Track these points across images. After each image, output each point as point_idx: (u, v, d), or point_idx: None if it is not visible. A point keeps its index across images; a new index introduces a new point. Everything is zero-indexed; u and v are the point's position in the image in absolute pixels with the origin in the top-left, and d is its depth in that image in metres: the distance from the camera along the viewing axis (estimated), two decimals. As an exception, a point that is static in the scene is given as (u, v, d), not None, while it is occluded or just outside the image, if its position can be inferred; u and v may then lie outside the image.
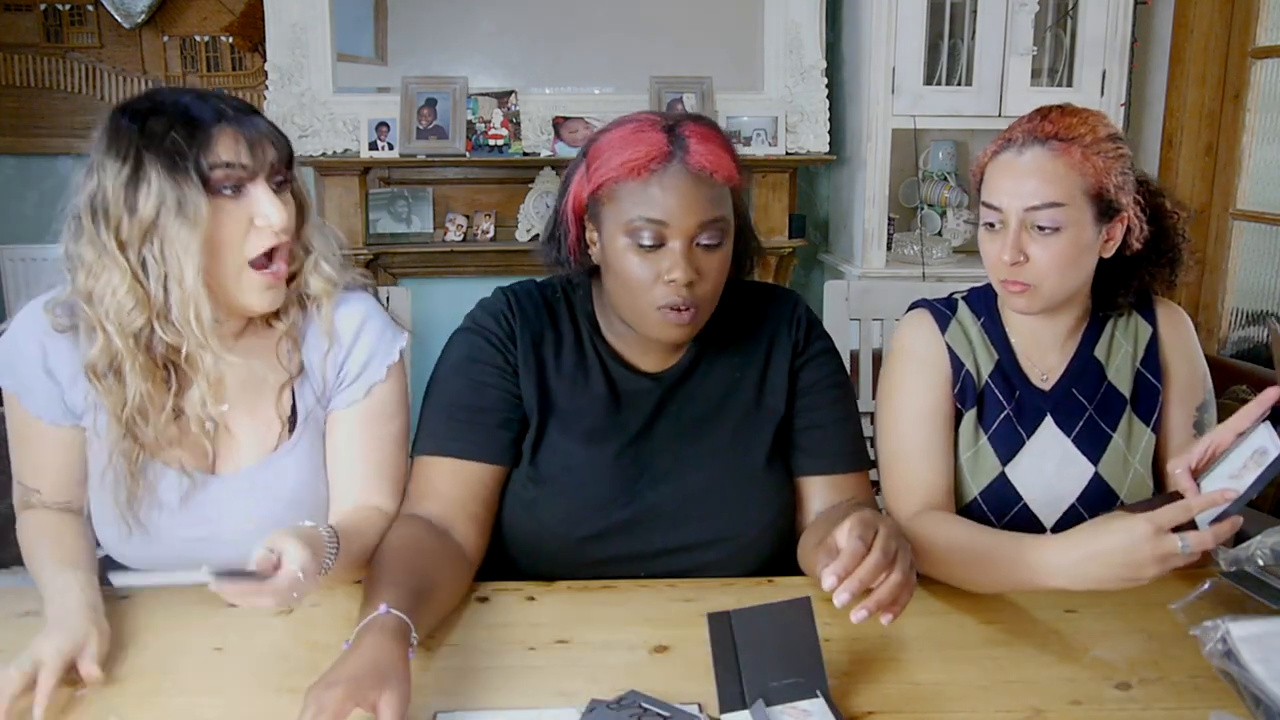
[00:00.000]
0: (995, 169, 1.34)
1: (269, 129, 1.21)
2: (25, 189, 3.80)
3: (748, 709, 1.01)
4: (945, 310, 1.46)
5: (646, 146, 1.22)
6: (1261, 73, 3.50)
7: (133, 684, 1.07)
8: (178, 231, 1.13)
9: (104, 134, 1.17)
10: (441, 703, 1.04)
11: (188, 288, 1.15)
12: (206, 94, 1.19)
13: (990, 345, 1.44)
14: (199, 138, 1.14)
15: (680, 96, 3.60)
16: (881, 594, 0.99)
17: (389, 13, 3.78)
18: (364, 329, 1.32)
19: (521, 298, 1.38)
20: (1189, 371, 1.44)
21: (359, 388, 1.31)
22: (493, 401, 1.33)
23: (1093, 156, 1.30)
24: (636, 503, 1.31)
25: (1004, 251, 1.31)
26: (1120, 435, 1.40)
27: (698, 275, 1.22)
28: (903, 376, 1.43)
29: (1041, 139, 1.31)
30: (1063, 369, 1.42)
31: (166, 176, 1.13)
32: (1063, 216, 1.29)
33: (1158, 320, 1.44)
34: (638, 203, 1.21)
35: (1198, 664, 1.08)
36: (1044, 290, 1.33)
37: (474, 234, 3.72)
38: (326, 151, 3.54)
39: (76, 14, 3.70)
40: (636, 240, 1.22)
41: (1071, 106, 1.35)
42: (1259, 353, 3.47)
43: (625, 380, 1.35)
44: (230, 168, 1.16)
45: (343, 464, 1.31)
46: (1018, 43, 3.41)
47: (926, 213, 3.71)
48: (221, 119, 1.16)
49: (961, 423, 1.42)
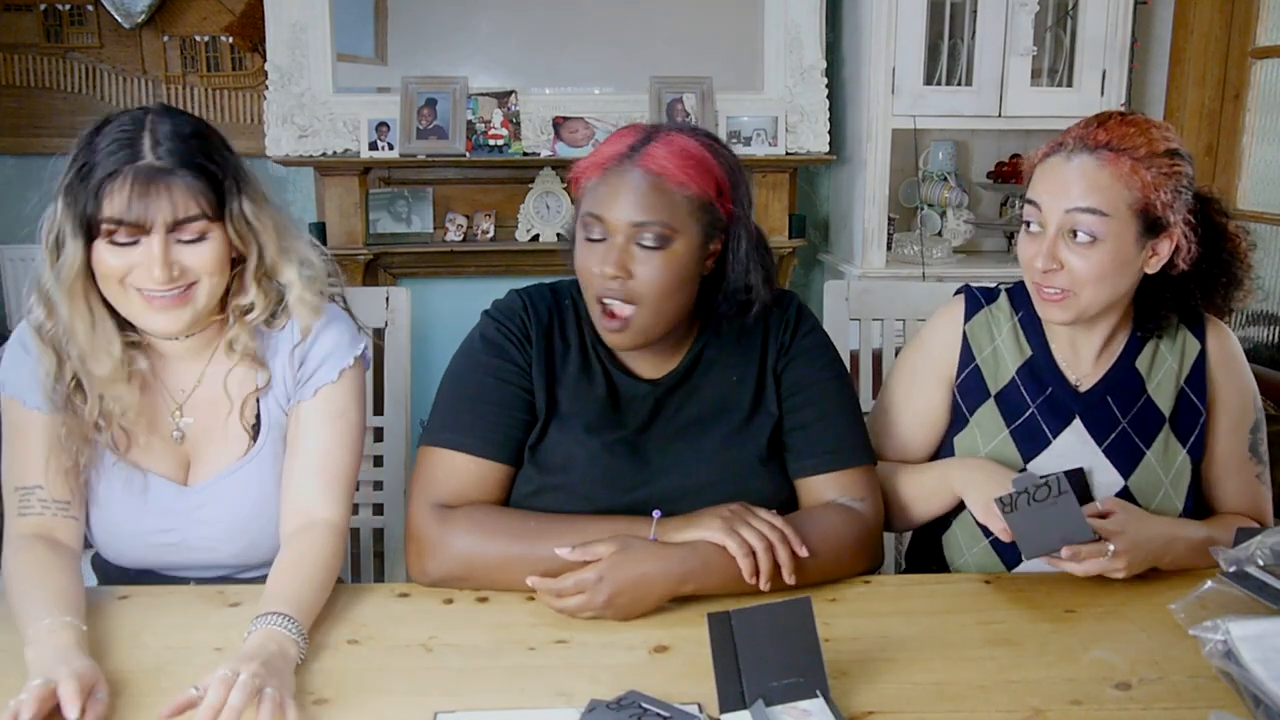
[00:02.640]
0: (1042, 170, 1.33)
1: (190, 182, 1.19)
2: (25, 189, 3.76)
3: (748, 709, 1.01)
4: (981, 299, 1.47)
5: (613, 148, 1.28)
6: (1261, 73, 3.50)
7: (133, 684, 1.07)
8: (59, 268, 1.21)
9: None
10: (441, 703, 1.04)
11: (62, 321, 1.23)
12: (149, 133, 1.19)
13: (1025, 340, 1.43)
14: (90, 184, 1.18)
15: (680, 96, 3.59)
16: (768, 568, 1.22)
17: (389, 13, 3.78)
18: (321, 336, 1.34)
19: (535, 300, 1.40)
20: (1240, 393, 1.41)
21: (309, 388, 1.33)
22: (511, 400, 1.34)
23: (1142, 170, 1.27)
24: (634, 495, 1.31)
25: (1038, 257, 1.29)
26: (1155, 453, 1.38)
27: (627, 273, 1.25)
28: (904, 361, 1.50)
29: (1092, 147, 1.28)
30: (1100, 376, 1.40)
31: (65, 213, 1.21)
32: (1103, 227, 1.27)
33: (1206, 339, 1.41)
34: (590, 199, 1.28)
35: (1198, 664, 1.08)
36: (1080, 300, 1.31)
37: (474, 234, 3.71)
38: (326, 151, 3.54)
39: (76, 14, 3.70)
40: (586, 234, 1.28)
41: (1135, 116, 1.32)
42: (1259, 353, 3.47)
43: (625, 385, 1.37)
44: (118, 224, 1.18)
45: (291, 463, 1.33)
46: (1018, 43, 3.40)
47: (926, 213, 3.71)
48: (126, 166, 1.17)
49: (979, 413, 1.42)
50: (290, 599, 1.16)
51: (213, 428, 1.34)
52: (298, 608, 1.14)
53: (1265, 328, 3.52)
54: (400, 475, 1.76)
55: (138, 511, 1.32)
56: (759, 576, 1.21)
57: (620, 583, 1.19)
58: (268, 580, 1.21)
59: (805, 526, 1.28)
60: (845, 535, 1.31)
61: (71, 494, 1.29)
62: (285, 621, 1.11)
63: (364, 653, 1.15)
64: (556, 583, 1.21)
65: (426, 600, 1.27)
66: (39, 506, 1.28)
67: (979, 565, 1.43)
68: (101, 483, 1.32)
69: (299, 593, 1.18)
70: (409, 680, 1.09)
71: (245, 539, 1.34)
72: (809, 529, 1.27)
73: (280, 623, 1.11)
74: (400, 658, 1.14)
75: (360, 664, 1.13)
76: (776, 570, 1.22)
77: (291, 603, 1.15)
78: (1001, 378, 1.42)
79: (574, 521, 1.27)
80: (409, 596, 1.29)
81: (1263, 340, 3.52)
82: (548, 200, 3.67)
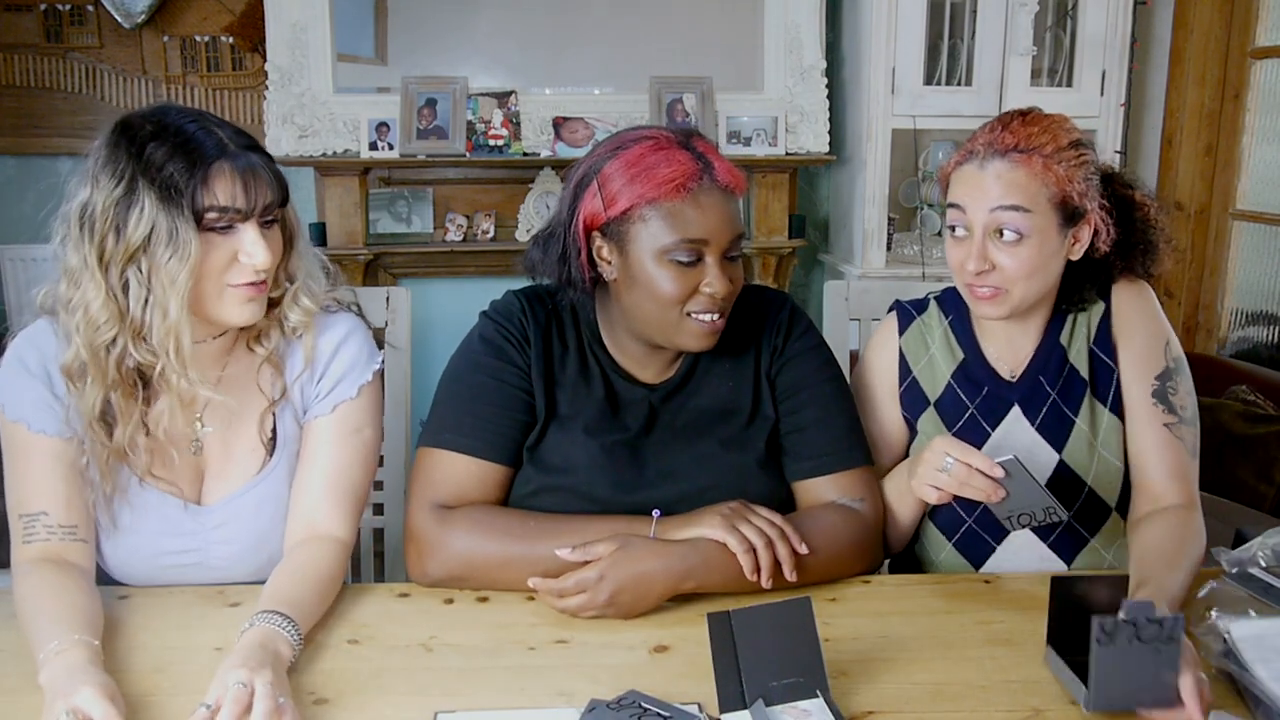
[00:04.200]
0: (959, 177, 1.35)
1: (267, 168, 1.21)
2: (25, 189, 3.81)
3: (748, 709, 1.01)
4: (912, 311, 1.50)
5: (677, 165, 1.25)
6: (1261, 73, 3.51)
7: (133, 684, 1.07)
8: (166, 263, 1.14)
9: (104, 145, 1.17)
10: (441, 703, 1.04)
11: (171, 319, 1.16)
12: (212, 125, 1.19)
13: (955, 344, 1.45)
14: (197, 174, 1.14)
15: (680, 96, 3.60)
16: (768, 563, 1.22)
17: (389, 13, 3.78)
18: (341, 349, 1.33)
19: (533, 301, 1.39)
20: (1143, 342, 1.40)
21: (327, 403, 1.32)
22: (509, 401, 1.34)
23: (1054, 166, 1.30)
24: (634, 498, 1.31)
25: (969, 260, 1.32)
26: (1083, 420, 1.39)
27: (731, 285, 1.27)
28: (859, 387, 1.51)
29: (1002, 151, 1.31)
30: (1028, 359, 1.42)
31: (160, 207, 1.13)
32: (1027, 223, 1.30)
33: (1111, 297, 1.42)
34: (677, 224, 1.24)
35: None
36: (1013, 296, 1.33)
37: (474, 234, 3.72)
38: (326, 152, 3.54)
39: (76, 14, 3.70)
40: (674, 257, 1.25)
41: (1034, 114, 1.35)
42: (1259, 353, 3.47)
43: (623, 389, 1.37)
44: (224, 211, 1.16)
45: (303, 476, 1.31)
46: (1018, 43, 3.41)
47: (926, 213, 3.71)
48: (222, 156, 1.16)
49: (921, 421, 1.44)
50: (288, 600, 1.15)
51: (229, 439, 1.31)
52: (295, 609, 1.14)
53: (1265, 328, 3.52)
54: (400, 475, 1.76)
55: (155, 534, 1.29)
56: (760, 574, 1.21)
57: (621, 581, 1.19)
58: (267, 583, 1.21)
59: (805, 525, 1.28)
60: (845, 535, 1.31)
61: (79, 518, 1.24)
62: (282, 621, 1.10)
63: (364, 653, 1.15)
64: (558, 583, 1.21)
65: (426, 600, 1.27)
66: (44, 533, 1.22)
67: (949, 570, 1.43)
68: (120, 507, 1.27)
69: (297, 595, 1.17)
70: (409, 680, 1.09)
71: (263, 555, 1.32)
72: (809, 528, 1.28)
73: (277, 622, 1.10)
74: (400, 658, 1.14)
75: (360, 664, 1.13)
76: (777, 568, 1.22)
77: (289, 603, 1.14)
78: (938, 384, 1.45)
79: (573, 521, 1.27)
80: (409, 596, 1.29)
81: (1262, 340, 3.53)
82: (548, 200, 3.67)
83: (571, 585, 1.20)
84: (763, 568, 1.21)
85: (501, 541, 1.27)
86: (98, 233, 1.15)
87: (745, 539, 1.22)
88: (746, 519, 1.24)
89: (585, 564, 1.21)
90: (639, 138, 1.28)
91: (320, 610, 1.21)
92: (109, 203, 1.14)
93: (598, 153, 1.31)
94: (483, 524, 1.28)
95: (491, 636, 1.18)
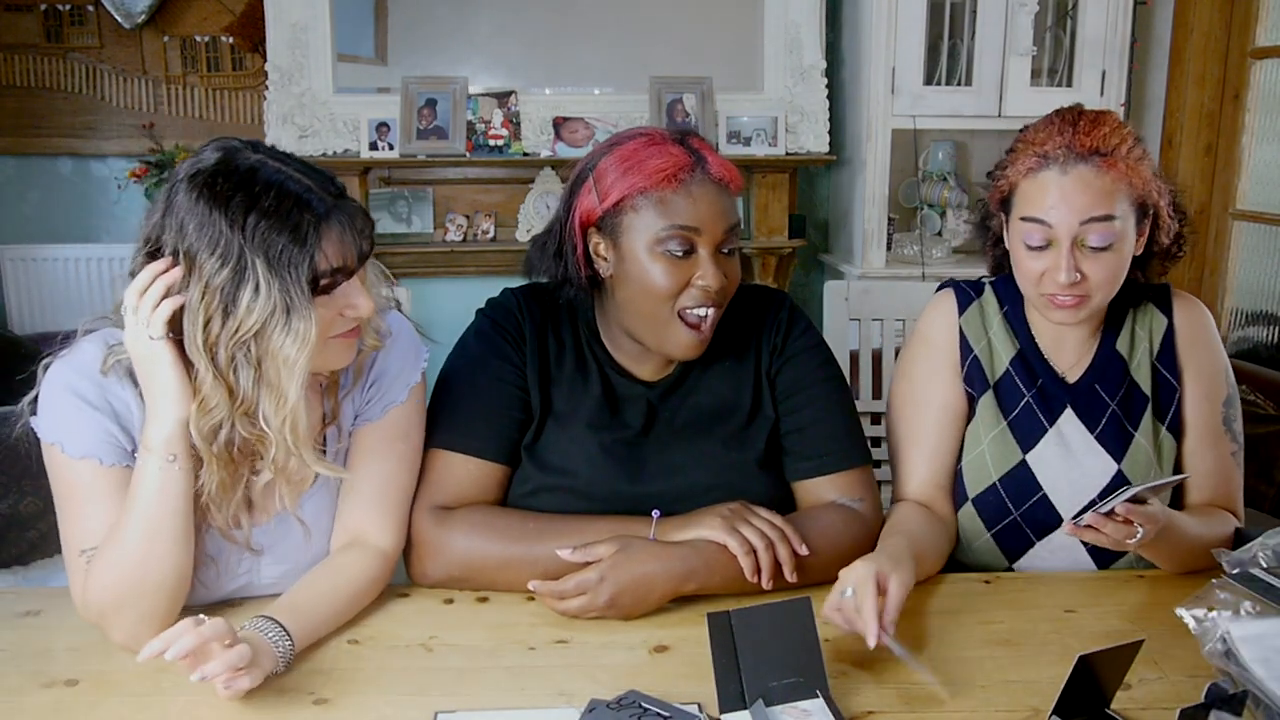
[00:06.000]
0: (1036, 187, 1.30)
1: (361, 213, 1.13)
2: (25, 189, 3.80)
3: (748, 709, 1.01)
4: (970, 292, 1.47)
5: (669, 157, 1.25)
6: (1261, 73, 3.50)
7: (133, 684, 1.07)
8: (282, 345, 1.06)
9: (186, 211, 1.06)
10: (441, 703, 1.04)
11: (289, 404, 1.08)
12: (309, 178, 1.10)
13: (1012, 334, 1.44)
14: (310, 242, 1.06)
15: (680, 96, 3.60)
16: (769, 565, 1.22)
17: (389, 13, 3.79)
18: (391, 349, 1.28)
19: (530, 298, 1.39)
20: (1210, 365, 1.41)
21: (377, 407, 1.27)
22: (506, 399, 1.34)
23: (1135, 165, 1.28)
24: (633, 498, 1.31)
25: (1060, 272, 1.28)
26: (1143, 435, 1.38)
27: (725, 279, 1.26)
28: (912, 361, 1.47)
29: (1083, 155, 1.27)
30: (1086, 364, 1.41)
31: (275, 283, 1.04)
32: (1115, 230, 1.28)
33: (1174, 313, 1.42)
34: (669, 211, 1.24)
35: (1198, 664, 1.07)
36: (1094, 301, 1.32)
37: (474, 234, 3.72)
38: (326, 151, 3.54)
39: (76, 14, 3.70)
40: (666, 248, 1.24)
41: (1091, 112, 1.32)
42: (1259, 353, 3.47)
43: (621, 386, 1.37)
44: (336, 274, 1.09)
45: (352, 483, 1.25)
46: (1018, 43, 3.41)
47: (926, 213, 3.71)
48: (328, 214, 1.08)
49: (980, 404, 1.42)
50: (297, 607, 1.13)
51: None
52: (300, 617, 1.11)
53: (1265, 328, 3.52)
54: (400, 475, 1.75)
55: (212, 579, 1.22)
56: (760, 575, 1.21)
57: (622, 583, 1.19)
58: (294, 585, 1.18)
59: (805, 526, 1.28)
60: (845, 534, 1.31)
61: None
62: (275, 631, 1.08)
63: (364, 653, 1.15)
64: (558, 585, 1.21)
65: (426, 600, 1.27)
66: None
67: (981, 560, 1.43)
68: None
69: (310, 604, 1.14)
70: (409, 680, 1.09)
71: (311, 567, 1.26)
72: (809, 528, 1.28)
73: (267, 629, 1.07)
74: (400, 658, 1.14)
75: (360, 664, 1.13)
76: (778, 569, 1.22)
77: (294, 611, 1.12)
78: (997, 369, 1.43)
79: (573, 522, 1.27)
80: (409, 596, 1.29)
81: (1263, 340, 3.52)
82: (548, 200, 3.67)
83: (572, 587, 1.20)
84: (763, 569, 1.21)
85: (501, 543, 1.26)
86: (201, 315, 1.06)
87: (746, 540, 1.22)
88: (747, 520, 1.24)
89: (585, 565, 1.21)
90: (634, 134, 1.30)
91: (338, 619, 1.18)
92: (215, 285, 1.04)
93: (595, 151, 1.32)
94: (482, 525, 1.28)
95: (491, 636, 1.18)
